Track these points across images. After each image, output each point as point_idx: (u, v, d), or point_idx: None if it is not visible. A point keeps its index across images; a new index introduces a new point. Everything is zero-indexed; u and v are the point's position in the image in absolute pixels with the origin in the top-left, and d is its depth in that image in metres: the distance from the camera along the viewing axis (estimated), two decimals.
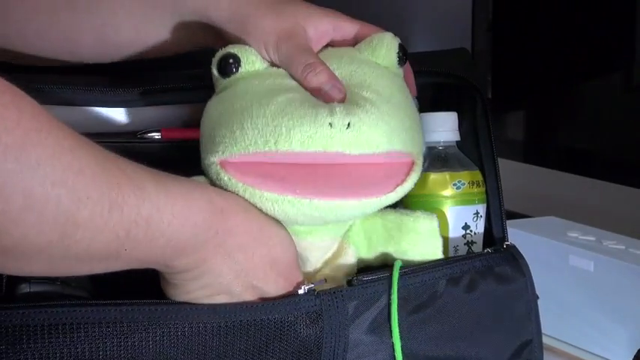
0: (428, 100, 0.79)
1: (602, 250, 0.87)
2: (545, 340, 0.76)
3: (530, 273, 0.73)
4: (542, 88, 1.42)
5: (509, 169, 0.84)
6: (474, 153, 0.78)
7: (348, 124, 0.60)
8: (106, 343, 0.57)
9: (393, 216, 0.69)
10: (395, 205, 0.71)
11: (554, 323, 0.86)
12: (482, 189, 0.76)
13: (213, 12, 0.67)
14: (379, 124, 0.61)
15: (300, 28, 0.66)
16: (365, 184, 0.62)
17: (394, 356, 0.66)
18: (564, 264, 0.89)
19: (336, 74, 0.64)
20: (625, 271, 0.84)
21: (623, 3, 1.28)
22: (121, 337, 0.57)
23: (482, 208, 0.76)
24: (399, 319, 0.66)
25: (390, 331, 0.66)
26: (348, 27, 0.68)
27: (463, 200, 0.74)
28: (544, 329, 0.75)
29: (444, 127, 0.76)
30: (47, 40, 0.70)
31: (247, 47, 0.65)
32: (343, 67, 0.65)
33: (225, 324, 0.59)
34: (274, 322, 0.61)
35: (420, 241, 0.69)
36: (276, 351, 0.61)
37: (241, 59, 0.64)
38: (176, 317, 0.58)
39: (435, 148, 0.76)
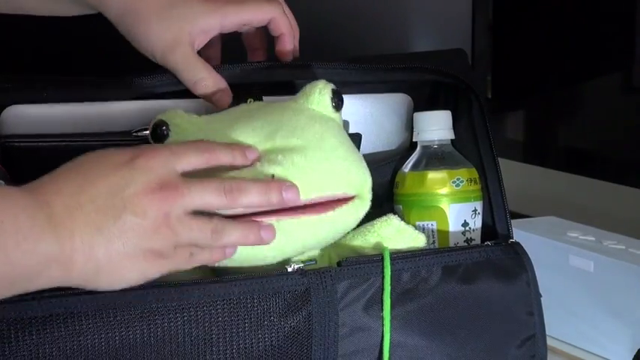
0: (425, 99, 0.80)
1: (602, 250, 0.87)
2: None
3: (533, 269, 0.73)
4: (542, 89, 1.42)
5: (509, 169, 0.84)
6: (473, 152, 0.78)
7: (272, 176, 0.62)
8: (101, 332, 0.57)
9: (359, 239, 0.70)
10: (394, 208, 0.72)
11: (554, 323, 0.85)
12: (479, 186, 0.76)
13: (105, 8, 0.71)
14: (306, 173, 0.63)
15: (185, 34, 0.70)
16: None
17: (383, 338, 0.66)
18: (564, 264, 0.89)
19: (267, 122, 0.66)
20: (625, 271, 0.83)
21: (623, 3, 1.28)
22: (129, 322, 0.58)
23: (479, 205, 0.76)
24: (390, 304, 0.66)
25: (381, 315, 0.66)
26: (233, 15, 0.72)
27: (462, 197, 0.74)
28: None
29: (438, 125, 0.76)
30: None
31: (174, 112, 0.67)
32: (274, 116, 0.67)
33: (214, 301, 0.61)
34: (262, 301, 0.62)
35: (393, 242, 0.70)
36: (268, 329, 0.62)
37: (169, 124, 0.66)
38: (172, 300, 0.59)
39: (430, 147, 0.76)
